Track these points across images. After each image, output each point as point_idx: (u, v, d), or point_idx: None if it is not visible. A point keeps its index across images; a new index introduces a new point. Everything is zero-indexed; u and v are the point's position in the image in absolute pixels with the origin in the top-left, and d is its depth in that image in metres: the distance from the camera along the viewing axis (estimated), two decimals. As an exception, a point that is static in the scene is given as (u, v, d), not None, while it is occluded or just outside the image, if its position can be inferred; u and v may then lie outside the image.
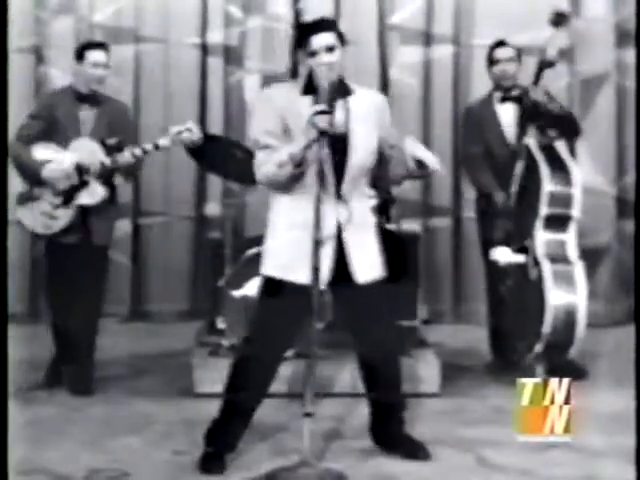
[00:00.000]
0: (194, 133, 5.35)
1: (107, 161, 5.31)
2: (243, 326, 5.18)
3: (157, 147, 5.37)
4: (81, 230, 5.39)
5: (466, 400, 5.27)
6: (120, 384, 5.62)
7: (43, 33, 7.39)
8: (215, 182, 7.44)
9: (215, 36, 7.58)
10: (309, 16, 7.37)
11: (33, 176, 5.31)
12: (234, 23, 7.60)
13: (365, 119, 4.20)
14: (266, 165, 4.11)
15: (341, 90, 4.15)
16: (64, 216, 5.35)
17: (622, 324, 7.13)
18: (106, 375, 5.70)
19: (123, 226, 7.47)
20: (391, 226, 5.74)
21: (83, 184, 5.34)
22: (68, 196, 5.33)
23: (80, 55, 5.41)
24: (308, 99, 4.14)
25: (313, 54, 4.10)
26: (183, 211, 7.61)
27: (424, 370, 5.39)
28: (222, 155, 5.68)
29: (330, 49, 4.09)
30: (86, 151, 5.33)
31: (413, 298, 5.81)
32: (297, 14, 7.49)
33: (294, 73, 7.19)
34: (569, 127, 5.55)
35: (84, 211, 5.38)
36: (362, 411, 4.94)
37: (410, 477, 4.15)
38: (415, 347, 5.57)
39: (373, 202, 5.66)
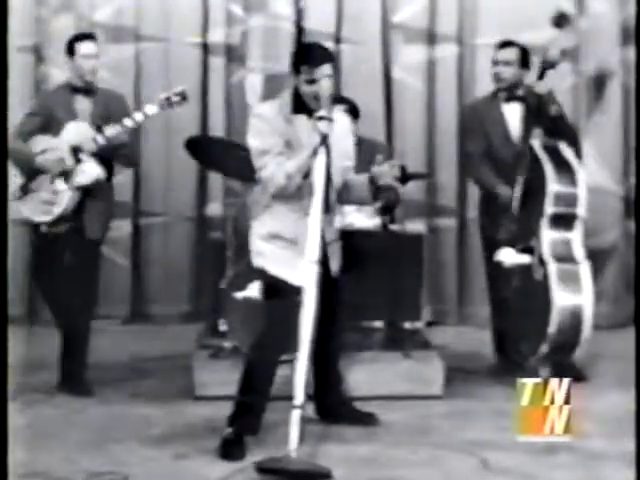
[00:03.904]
0: (184, 97, 5.41)
1: (100, 138, 5.29)
2: (245, 328, 5.15)
3: (146, 115, 5.36)
4: (75, 224, 5.37)
5: (470, 402, 5.23)
6: (120, 386, 5.59)
7: (43, 32, 7.36)
8: (216, 182, 7.40)
9: (216, 35, 7.53)
10: (310, 17, 7.40)
11: (30, 168, 5.32)
12: (236, 22, 7.55)
13: (342, 138, 4.57)
14: (277, 176, 4.39)
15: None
16: (63, 201, 5.33)
17: (627, 326, 7.07)
18: (106, 377, 5.68)
19: (123, 226, 7.43)
20: (395, 226, 5.71)
21: (78, 163, 5.32)
22: (65, 177, 5.31)
23: (71, 49, 5.45)
24: (302, 117, 4.46)
25: (312, 81, 4.39)
26: (184, 211, 7.56)
27: (428, 372, 5.35)
28: (222, 152, 5.65)
29: (328, 76, 4.42)
30: (78, 132, 5.34)
31: (417, 299, 5.78)
32: (299, 13, 7.44)
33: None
34: (565, 132, 5.51)
35: (79, 205, 5.35)
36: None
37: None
38: (419, 349, 5.53)
39: (377, 203, 5.67)
